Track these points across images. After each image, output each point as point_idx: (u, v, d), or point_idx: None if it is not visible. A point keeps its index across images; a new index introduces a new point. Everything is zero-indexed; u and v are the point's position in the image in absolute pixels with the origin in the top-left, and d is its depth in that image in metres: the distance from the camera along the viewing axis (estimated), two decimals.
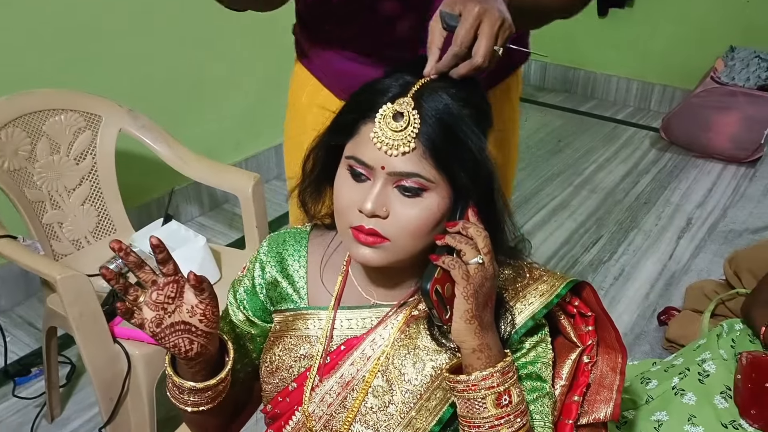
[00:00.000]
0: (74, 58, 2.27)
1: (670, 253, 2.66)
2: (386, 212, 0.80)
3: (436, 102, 0.79)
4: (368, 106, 0.80)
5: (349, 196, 0.82)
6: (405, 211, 0.80)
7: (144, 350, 1.52)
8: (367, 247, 0.81)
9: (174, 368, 0.87)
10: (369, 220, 0.80)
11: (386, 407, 0.88)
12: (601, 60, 4.21)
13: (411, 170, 0.78)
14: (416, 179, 0.79)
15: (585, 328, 0.96)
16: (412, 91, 0.80)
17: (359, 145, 0.81)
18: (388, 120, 0.78)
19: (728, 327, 1.45)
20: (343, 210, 0.83)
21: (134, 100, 2.02)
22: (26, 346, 2.16)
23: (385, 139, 0.78)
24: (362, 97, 0.83)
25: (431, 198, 0.80)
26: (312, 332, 0.94)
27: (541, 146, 3.66)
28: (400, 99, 0.79)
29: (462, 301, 0.78)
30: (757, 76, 3.35)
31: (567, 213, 2.99)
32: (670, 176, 3.33)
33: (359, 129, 0.81)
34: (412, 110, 0.78)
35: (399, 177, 0.79)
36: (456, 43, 0.82)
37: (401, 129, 0.78)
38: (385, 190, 0.80)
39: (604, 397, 0.96)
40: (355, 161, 0.81)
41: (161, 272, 0.80)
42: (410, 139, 0.78)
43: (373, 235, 0.80)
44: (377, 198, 0.79)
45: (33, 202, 1.73)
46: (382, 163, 0.79)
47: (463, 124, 0.80)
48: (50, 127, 1.76)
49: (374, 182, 0.80)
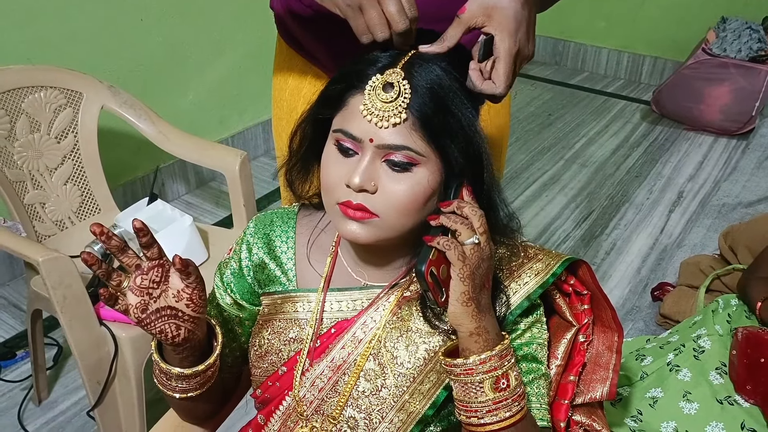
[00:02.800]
0: (49, 32, 2.20)
1: (661, 227, 2.65)
2: (374, 187, 0.77)
3: (428, 73, 0.76)
4: (357, 78, 0.77)
5: (337, 171, 0.79)
6: (393, 186, 0.77)
7: (131, 332, 1.49)
8: (355, 222, 0.78)
9: (161, 354, 0.85)
10: (357, 195, 0.77)
11: (378, 391, 0.86)
12: (591, 32, 4.17)
13: (401, 143, 0.75)
14: (406, 152, 0.76)
15: (581, 306, 0.94)
16: (402, 62, 0.76)
17: (347, 117, 0.77)
18: (378, 91, 0.75)
19: (724, 302, 1.44)
20: (330, 186, 0.80)
21: (113, 76, 1.97)
22: (12, 328, 2.13)
23: (374, 110, 0.75)
24: (350, 69, 0.80)
25: (421, 173, 0.77)
26: (301, 315, 0.91)
27: (532, 120, 3.62)
28: (389, 70, 0.76)
29: (458, 283, 0.76)
30: (749, 48, 3.32)
31: (558, 187, 2.97)
32: (662, 149, 3.31)
33: (347, 101, 0.78)
34: (402, 80, 0.75)
35: (388, 150, 0.76)
36: (483, 73, 0.80)
37: (391, 100, 0.75)
38: (373, 164, 0.77)
39: (600, 376, 0.95)
40: (343, 134, 0.77)
41: (145, 256, 0.76)
42: (401, 110, 0.75)
43: (361, 210, 0.77)
44: (365, 172, 0.76)
45: (14, 182, 1.68)
46: (370, 135, 0.76)
47: (455, 96, 0.77)
48: (29, 105, 1.71)
49: (362, 156, 0.77)
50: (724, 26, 3.47)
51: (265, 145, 3.16)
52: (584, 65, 4.27)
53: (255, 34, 2.84)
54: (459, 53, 0.81)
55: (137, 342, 1.50)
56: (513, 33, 0.81)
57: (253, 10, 2.78)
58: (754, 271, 1.42)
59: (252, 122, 3.06)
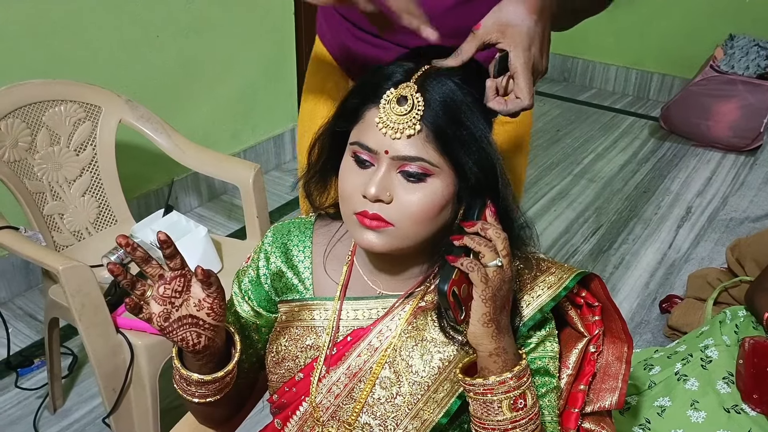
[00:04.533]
0: (68, 49, 2.26)
1: (669, 242, 2.67)
2: (390, 197, 0.80)
3: (441, 87, 0.79)
4: (372, 92, 0.80)
5: (354, 181, 0.81)
6: (408, 196, 0.79)
7: (147, 340, 1.52)
8: (371, 232, 0.81)
9: (181, 361, 0.87)
10: (373, 204, 0.80)
11: (394, 398, 0.88)
12: (600, 49, 4.21)
13: (415, 154, 0.78)
14: (420, 163, 0.78)
15: (592, 318, 0.96)
16: (416, 76, 0.79)
17: (363, 130, 0.81)
18: (393, 104, 0.78)
19: (731, 314, 1.46)
20: (347, 196, 0.82)
21: (130, 91, 2.01)
22: (27, 337, 2.16)
23: (389, 122, 0.78)
24: (366, 83, 0.83)
25: (435, 184, 0.80)
26: (318, 323, 0.94)
27: (540, 135, 3.65)
28: (403, 83, 0.79)
29: (480, 305, 0.78)
30: (756, 65, 3.35)
31: (566, 202, 2.99)
32: (670, 165, 3.33)
33: (363, 114, 0.81)
34: (415, 93, 0.78)
35: (403, 161, 0.79)
36: (500, 89, 0.83)
37: (405, 113, 0.77)
38: (389, 175, 0.79)
39: (609, 386, 0.96)
40: (360, 146, 0.80)
41: (168, 266, 0.79)
42: (415, 122, 0.77)
43: (377, 219, 0.80)
44: (380, 183, 0.79)
45: (33, 194, 1.72)
46: (386, 147, 0.79)
47: (468, 109, 0.80)
48: (50, 118, 1.75)
49: (378, 167, 0.80)
50: (732, 43, 3.50)
51: (277, 159, 3.20)
52: (593, 82, 4.31)
53: (266, 51, 2.89)
54: (473, 68, 0.84)
55: (153, 350, 1.53)
56: (527, 48, 0.83)
57: (265, 28, 2.83)
58: (761, 283, 1.44)
59: (264, 136, 3.10)
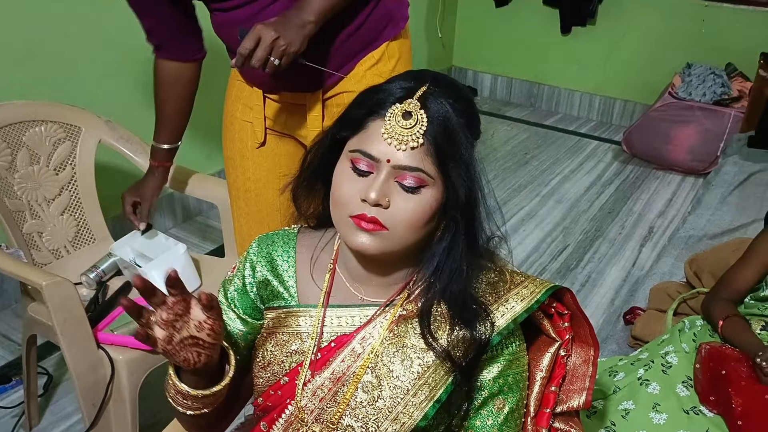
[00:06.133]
0: (47, 70, 2.29)
1: (633, 260, 2.77)
2: (388, 203, 0.86)
3: (440, 107, 0.86)
4: (377, 105, 0.87)
5: (351, 187, 0.87)
6: (404, 204, 0.86)
7: (127, 355, 1.54)
8: (366, 234, 0.87)
9: (177, 376, 0.91)
10: (371, 208, 0.86)
11: (375, 402, 0.93)
12: (565, 76, 4.36)
13: (415, 165, 0.85)
14: (418, 174, 0.85)
15: (562, 324, 1.03)
16: (418, 95, 0.86)
17: (366, 140, 0.87)
18: (398, 118, 0.85)
19: (690, 323, 1.54)
20: (344, 200, 0.88)
21: (108, 111, 2.04)
22: (1, 358, 2.15)
23: (394, 134, 0.84)
24: (370, 97, 0.89)
25: (428, 194, 0.86)
26: (303, 329, 0.98)
27: (509, 158, 3.76)
28: (407, 100, 0.86)
29: None
30: (713, 92, 3.50)
31: (534, 222, 3.08)
32: (633, 187, 3.45)
33: (367, 125, 0.87)
34: (420, 110, 0.85)
35: (402, 171, 0.85)
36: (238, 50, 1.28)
37: (410, 126, 0.84)
38: (387, 182, 0.86)
39: (577, 387, 1.03)
40: (362, 154, 0.86)
41: (170, 292, 0.84)
42: (418, 135, 0.84)
43: (374, 222, 0.86)
44: (381, 189, 0.85)
45: (13, 212, 1.74)
46: (388, 156, 0.85)
47: (460, 128, 0.87)
48: (30, 138, 1.78)
49: (378, 174, 0.86)
50: (689, 71, 3.65)
51: None
52: (558, 107, 4.45)
53: None
54: (463, 93, 0.91)
55: (133, 365, 1.55)
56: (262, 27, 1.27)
57: None
58: (715, 293, 1.53)
59: None
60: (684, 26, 3.84)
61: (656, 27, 3.92)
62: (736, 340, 1.39)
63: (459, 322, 0.92)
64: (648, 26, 3.94)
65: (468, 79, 4.71)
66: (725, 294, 1.50)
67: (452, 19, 4.60)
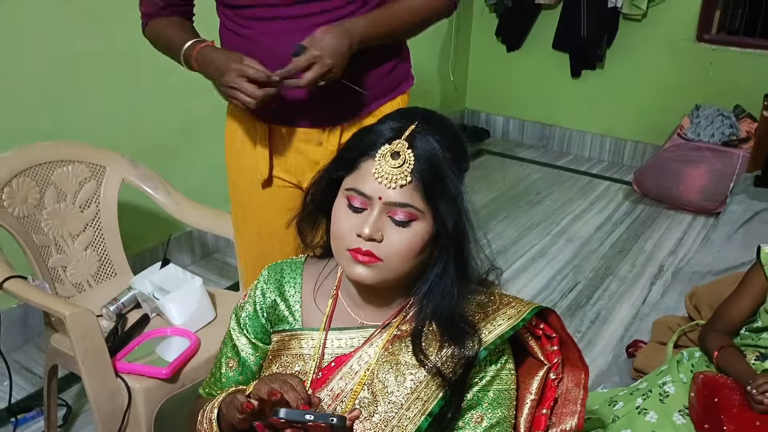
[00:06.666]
0: (74, 112, 2.42)
1: (643, 298, 2.80)
2: (381, 237, 0.93)
3: (427, 145, 0.94)
4: (369, 146, 0.95)
5: (347, 223, 0.95)
6: (396, 237, 0.93)
7: (144, 384, 1.60)
8: (362, 266, 0.94)
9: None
10: (366, 243, 0.93)
11: (371, 416, 0.99)
12: (576, 118, 4.44)
13: (405, 201, 0.92)
14: (408, 209, 0.92)
15: (550, 348, 1.08)
16: (406, 134, 0.94)
17: (359, 179, 0.94)
18: (387, 158, 0.93)
19: (688, 354, 1.58)
20: (342, 235, 0.95)
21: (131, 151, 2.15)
22: (23, 389, 2.22)
23: (384, 173, 0.92)
24: (362, 138, 0.97)
25: (418, 227, 0.93)
26: (306, 351, 1.05)
27: (521, 198, 3.82)
28: (396, 140, 0.94)
29: None
30: (721, 133, 3.56)
31: (545, 260, 3.13)
32: (644, 226, 3.49)
33: (360, 165, 0.95)
34: (407, 149, 0.92)
35: (393, 207, 0.93)
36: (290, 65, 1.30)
37: (398, 166, 0.92)
38: (380, 218, 0.93)
39: (569, 410, 1.08)
40: (356, 192, 0.94)
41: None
42: (406, 174, 0.92)
43: (369, 255, 0.93)
44: (374, 224, 0.93)
45: (40, 247, 1.83)
46: (380, 194, 0.93)
47: (446, 165, 0.94)
48: (58, 177, 1.88)
49: (371, 211, 0.93)
50: (698, 113, 3.72)
51: None
52: (570, 148, 4.52)
53: None
54: (451, 130, 0.99)
55: (149, 393, 1.61)
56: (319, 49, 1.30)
57: None
58: (711, 325, 1.57)
59: None
60: (692, 69, 3.92)
61: (665, 70, 4.01)
62: (730, 369, 1.43)
63: (449, 339, 0.98)
64: (656, 69, 4.03)
65: (481, 121, 4.81)
66: (720, 326, 1.55)
67: (464, 63, 4.73)
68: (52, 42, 2.32)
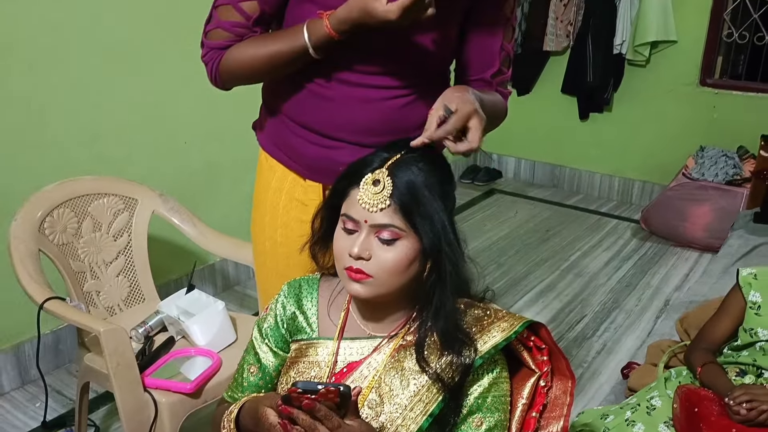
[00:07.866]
0: (109, 150, 2.61)
1: (648, 330, 2.87)
2: (369, 255, 1.06)
3: (406, 173, 1.07)
4: (355, 176, 1.09)
5: (343, 244, 1.09)
6: (383, 254, 1.06)
7: (170, 399, 1.73)
8: (357, 283, 1.08)
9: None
10: (356, 261, 1.07)
11: (378, 417, 1.11)
12: (585, 159, 4.58)
13: (387, 222, 1.06)
14: (391, 229, 1.06)
15: (541, 357, 1.20)
16: (388, 164, 1.08)
17: (349, 205, 1.09)
18: (369, 186, 1.07)
19: (676, 373, 1.69)
20: (339, 255, 1.10)
21: (161, 186, 2.32)
22: (55, 411, 2.35)
23: (366, 199, 1.06)
24: (351, 170, 1.12)
25: (403, 244, 1.07)
26: (321, 358, 1.17)
27: (531, 235, 3.94)
28: (378, 170, 1.08)
29: None
30: (725, 173, 3.67)
31: (554, 294, 3.23)
32: (651, 262, 3.58)
33: (349, 193, 1.09)
34: (386, 177, 1.06)
35: (378, 228, 1.06)
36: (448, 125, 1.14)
37: (378, 192, 1.06)
38: (368, 239, 1.07)
39: (556, 414, 1.20)
40: (347, 217, 1.09)
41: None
42: (385, 198, 1.05)
43: (360, 273, 1.07)
44: (362, 245, 1.06)
45: (77, 272, 1.98)
46: (365, 217, 1.06)
47: (426, 189, 1.07)
48: (95, 209, 2.05)
49: (360, 232, 1.07)
50: (702, 154, 3.84)
51: None
52: (580, 188, 4.65)
53: None
54: (432, 156, 1.12)
55: (174, 407, 1.73)
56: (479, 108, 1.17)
57: None
58: (696, 344, 1.69)
59: None
60: (696, 112, 4.05)
61: (670, 113, 4.14)
62: (712, 384, 1.54)
63: (448, 349, 1.10)
64: (662, 112, 4.17)
65: (493, 162, 4.96)
66: (704, 345, 1.66)
67: None
68: (95, 89, 2.52)
